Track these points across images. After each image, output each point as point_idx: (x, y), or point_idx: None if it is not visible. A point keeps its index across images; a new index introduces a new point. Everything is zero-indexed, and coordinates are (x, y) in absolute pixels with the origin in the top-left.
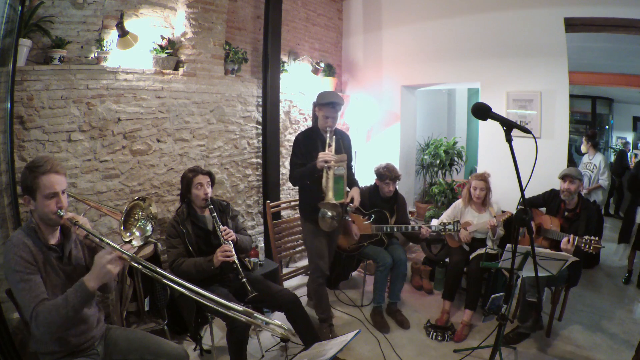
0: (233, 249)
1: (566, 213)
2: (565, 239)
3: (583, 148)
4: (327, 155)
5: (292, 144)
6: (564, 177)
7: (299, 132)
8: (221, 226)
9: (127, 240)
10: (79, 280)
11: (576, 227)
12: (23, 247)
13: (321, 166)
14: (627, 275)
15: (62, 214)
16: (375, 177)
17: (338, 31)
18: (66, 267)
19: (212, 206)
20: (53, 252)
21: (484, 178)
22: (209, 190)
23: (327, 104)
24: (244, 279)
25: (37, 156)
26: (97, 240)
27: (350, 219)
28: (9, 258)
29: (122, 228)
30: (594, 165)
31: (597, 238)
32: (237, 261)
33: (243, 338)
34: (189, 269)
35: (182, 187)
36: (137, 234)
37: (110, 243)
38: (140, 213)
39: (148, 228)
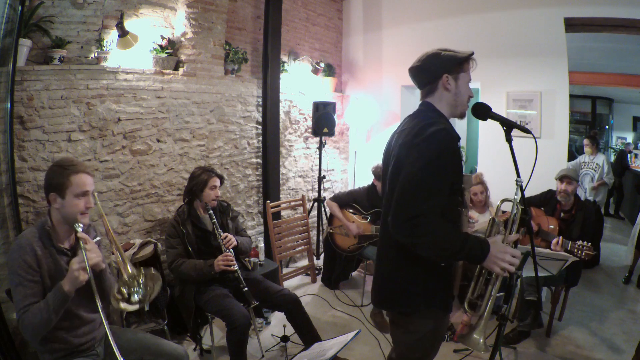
0: (234, 258)
1: (562, 214)
2: (554, 241)
3: (587, 150)
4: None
5: (292, 143)
6: (561, 178)
7: (297, 131)
8: (222, 233)
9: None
10: (57, 284)
11: (571, 229)
12: (30, 250)
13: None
14: (627, 275)
15: (79, 228)
16: (373, 177)
17: (338, 31)
18: None
19: (211, 211)
20: (64, 255)
21: (481, 181)
22: (219, 193)
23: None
24: (246, 289)
25: (64, 157)
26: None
27: None
28: (14, 258)
29: (125, 277)
30: (597, 164)
31: (589, 244)
32: (238, 270)
33: (243, 338)
34: (189, 272)
35: (192, 185)
36: (124, 291)
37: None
38: (142, 279)
39: (134, 298)
